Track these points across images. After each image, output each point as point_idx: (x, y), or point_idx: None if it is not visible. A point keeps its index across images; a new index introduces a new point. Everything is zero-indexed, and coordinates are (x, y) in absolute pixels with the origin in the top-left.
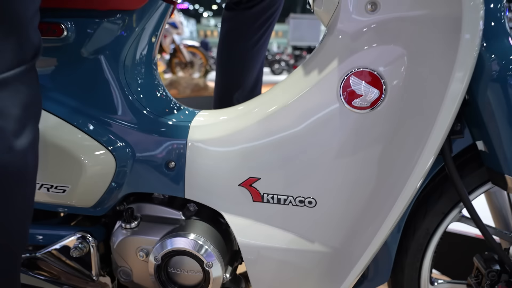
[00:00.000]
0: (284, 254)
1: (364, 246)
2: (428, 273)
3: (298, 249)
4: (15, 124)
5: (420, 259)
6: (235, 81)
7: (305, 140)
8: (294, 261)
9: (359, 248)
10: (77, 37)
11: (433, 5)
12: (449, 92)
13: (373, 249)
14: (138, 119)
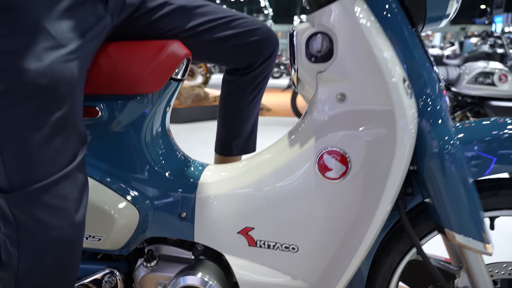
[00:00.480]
0: None
1: (336, 281)
2: None
3: (284, 285)
4: (75, 204)
5: None
6: (234, 132)
7: (289, 199)
8: None
9: (333, 284)
10: (109, 116)
11: (378, 102)
12: (393, 167)
13: (343, 282)
14: (156, 178)
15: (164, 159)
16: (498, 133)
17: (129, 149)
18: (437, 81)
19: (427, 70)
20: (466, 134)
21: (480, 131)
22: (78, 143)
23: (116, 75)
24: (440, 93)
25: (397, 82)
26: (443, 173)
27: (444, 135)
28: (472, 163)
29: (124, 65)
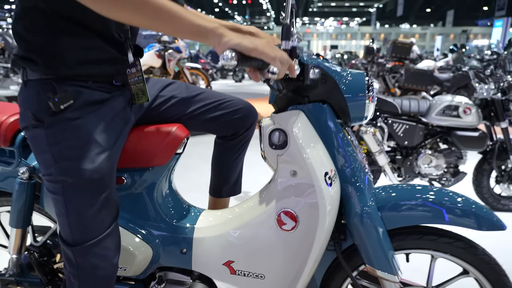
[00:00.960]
0: None
1: None
2: None
3: None
4: (114, 251)
5: None
6: (223, 180)
7: (257, 243)
8: None
9: None
10: (131, 183)
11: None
12: (319, 225)
13: None
14: (165, 225)
15: (171, 211)
16: (403, 197)
17: (145, 205)
18: (363, 170)
19: (352, 159)
20: (382, 198)
21: (391, 195)
22: (115, 211)
23: (136, 154)
24: (361, 173)
25: (319, 177)
26: (362, 226)
27: (363, 201)
28: (384, 218)
29: (142, 147)
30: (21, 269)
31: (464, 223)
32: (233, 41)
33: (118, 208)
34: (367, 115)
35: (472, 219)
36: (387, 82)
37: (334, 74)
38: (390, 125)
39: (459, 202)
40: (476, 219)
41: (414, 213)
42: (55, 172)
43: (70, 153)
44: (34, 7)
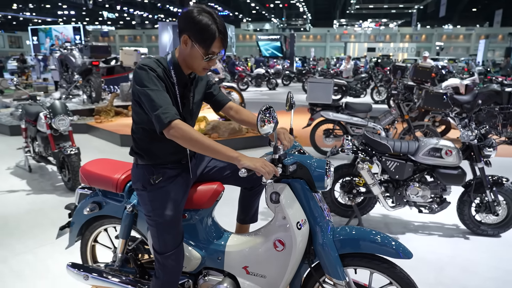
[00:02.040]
0: None
1: None
2: None
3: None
4: (181, 258)
5: None
6: (246, 213)
7: (262, 257)
8: None
9: None
10: (190, 217)
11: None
12: (293, 251)
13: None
14: (208, 242)
15: (213, 234)
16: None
17: (198, 230)
18: (324, 217)
19: (317, 212)
20: (338, 233)
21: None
22: (181, 236)
23: (193, 201)
24: (323, 220)
25: (293, 224)
26: (322, 251)
27: (323, 237)
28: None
29: (197, 197)
30: (122, 263)
31: (384, 252)
32: (245, 164)
33: (183, 234)
34: (326, 185)
35: (390, 250)
36: (401, 109)
37: (306, 165)
38: (383, 162)
39: (386, 239)
40: (392, 250)
41: (356, 244)
42: (152, 215)
43: (160, 206)
44: (142, 127)
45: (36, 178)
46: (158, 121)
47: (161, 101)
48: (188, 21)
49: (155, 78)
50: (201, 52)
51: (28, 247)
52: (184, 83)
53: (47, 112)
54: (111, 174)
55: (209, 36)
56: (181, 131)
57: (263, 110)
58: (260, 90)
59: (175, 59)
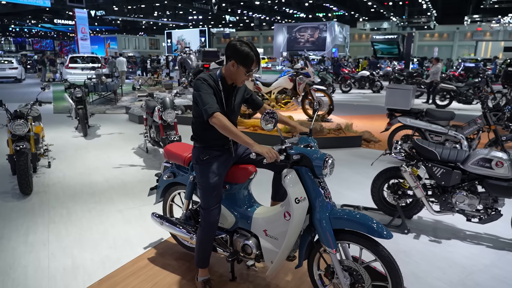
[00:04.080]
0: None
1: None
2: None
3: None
4: (218, 214)
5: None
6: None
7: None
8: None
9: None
10: (229, 189)
11: None
12: (294, 220)
13: (285, 253)
14: (241, 208)
15: (246, 202)
16: (346, 214)
17: (235, 199)
18: (323, 198)
19: (318, 193)
20: (335, 212)
21: (340, 212)
22: (220, 198)
23: (232, 176)
24: (322, 199)
25: (292, 198)
26: (319, 225)
27: (321, 213)
28: (332, 222)
29: (235, 174)
30: (186, 218)
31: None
32: (255, 149)
33: (221, 197)
34: (325, 174)
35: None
36: (488, 119)
37: (309, 155)
38: (429, 167)
39: (370, 221)
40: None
41: (345, 222)
42: (200, 181)
43: (206, 175)
44: (198, 120)
45: (150, 157)
46: (205, 113)
47: (208, 100)
48: (234, 51)
49: (206, 85)
50: (244, 70)
51: (136, 205)
52: (228, 90)
53: (160, 106)
54: (182, 153)
55: (249, 61)
56: (219, 120)
57: (267, 113)
58: (363, 92)
59: (222, 74)
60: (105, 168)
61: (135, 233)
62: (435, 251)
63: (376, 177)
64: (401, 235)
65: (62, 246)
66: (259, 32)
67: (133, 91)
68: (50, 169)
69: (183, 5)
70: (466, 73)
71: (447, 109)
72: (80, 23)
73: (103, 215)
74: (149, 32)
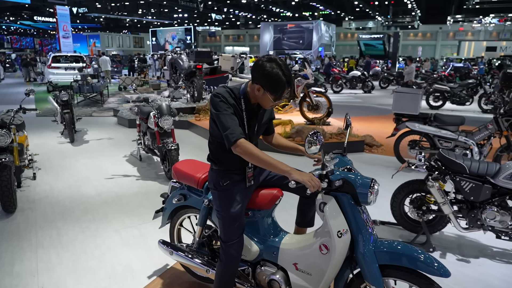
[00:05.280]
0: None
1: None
2: None
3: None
4: (240, 248)
5: None
6: (304, 217)
7: (309, 257)
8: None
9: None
10: (252, 216)
11: None
12: (333, 254)
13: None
14: (266, 238)
15: (271, 231)
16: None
17: (258, 227)
18: (367, 229)
19: (362, 224)
20: (380, 246)
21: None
22: (242, 229)
23: (255, 203)
24: (365, 231)
25: (333, 232)
26: (363, 260)
27: (364, 246)
28: (378, 257)
29: (259, 199)
30: (199, 246)
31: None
32: (294, 177)
33: (244, 228)
34: (369, 201)
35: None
36: (499, 125)
37: (352, 181)
38: (457, 182)
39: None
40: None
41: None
42: (220, 210)
43: (226, 204)
44: (216, 140)
45: (144, 166)
46: (227, 140)
47: (229, 123)
48: (261, 73)
49: (225, 104)
50: (272, 98)
51: (134, 223)
52: (251, 110)
53: (155, 112)
54: (195, 173)
55: (280, 88)
56: (244, 149)
57: (311, 134)
58: (355, 92)
59: (246, 91)
60: (97, 179)
61: (136, 258)
62: (466, 272)
63: (397, 191)
64: None
65: (53, 277)
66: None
67: (119, 91)
68: (35, 181)
69: (168, 2)
70: (455, 73)
71: (440, 110)
72: (61, 21)
73: (98, 237)
74: (133, 30)
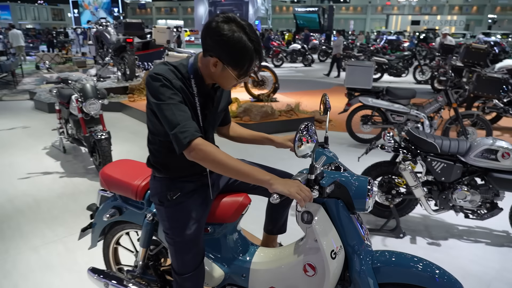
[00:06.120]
0: None
1: None
2: None
3: None
4: (200, 280)
5: None
6: (274, 223)
7: (289, 280)
8: None
9: None
10: (213, 232)
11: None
12: (327, 279)
13: None
14: (233, 258)
15: (238, 248)
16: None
17: (221, 245)
18: (363, 242)
19: (357, 237)
20: (378, 260)
21: (385, 259)
22: (202, 256)
23: (217, 215)
24: (360, 245)
25: (326, 253)
26: (359, 278)
27: (360, 264)
28: (376, 274)
29: (220, 211)
30: (144, 270)
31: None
32: (278, 189)
33: (204, 254)
34: (367, 208)
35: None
36: (449, 97)
37: (345, 184)
38: (428, 162)
39: (429, 267)
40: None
41: (398, 273)
42: (170, 233)
43: (177, 224)
44: (160, 140)
45: (70, 159)
46: (177, 142)
47: (178, 117)
48: (217, 40)
49: (169, 89)
50: (235, 74)
51: (58, 236)
52: (206, 94)
53: (78, 95)
54: (131, 180)
55: (246, 59)
56: (203, 153)
57: (302, 129)
58: (295, 66)
59: (196, 68)
60: (6, 181)
61: (63, 285)
62: (439, 258)
63: (363, 174)
64: (396, 241)
65: None
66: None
67: (37, 70)
68: None
69: None
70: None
71: (380, 82)
72: None
73: (9, 260)
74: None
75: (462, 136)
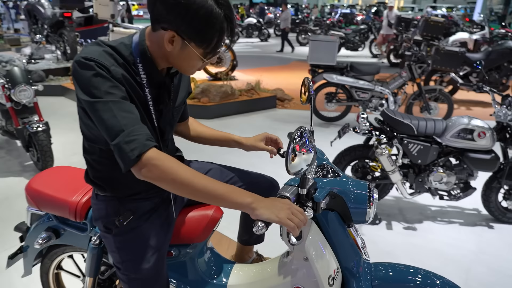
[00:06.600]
0: None
1: None
2: None
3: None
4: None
5: None
6: (249, 232)
7: None
8: None
9: None
10: (178, 255)
11: None
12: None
13: None
14: (204, 283)
15: (211, 270)
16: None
17: (189, 269)
18: (361, 257)
19: (355, 255)
20: (378, 275)
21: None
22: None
23: (181, 235)
24: (359, 262)
25: (324, 281)
26: None
27: (359, 283)
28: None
29: (186, 228)
30: None
31: None
32: (263, 216)
33: (168, 285)
34: (367, 219)
35: None
36: (413, 72)
37: (342, 193)
38: (405, 145)
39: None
40: None
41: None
42: (122, 268)
43: (132, 256)
44: (99, 149)
45: (2, 155)
46: (121, 156)
47: (122, 120)
48: (172, 6)
49: (106, 80)
50: (200, 52)
51: None
52: (159, 83)
53: (4, 81)
54: (67, 196)
55: (215, 31)
56: (158, 170)
57: (295, 137)
58: (252, 41)
59: (144, 48)
60: None
61: None
62: (417, 243)
63: (337, 160)
64: (373, 228)
65: None
66: None
67: None
68: None
69: None
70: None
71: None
72: None
73: None
74: None
75: (425, 111)
